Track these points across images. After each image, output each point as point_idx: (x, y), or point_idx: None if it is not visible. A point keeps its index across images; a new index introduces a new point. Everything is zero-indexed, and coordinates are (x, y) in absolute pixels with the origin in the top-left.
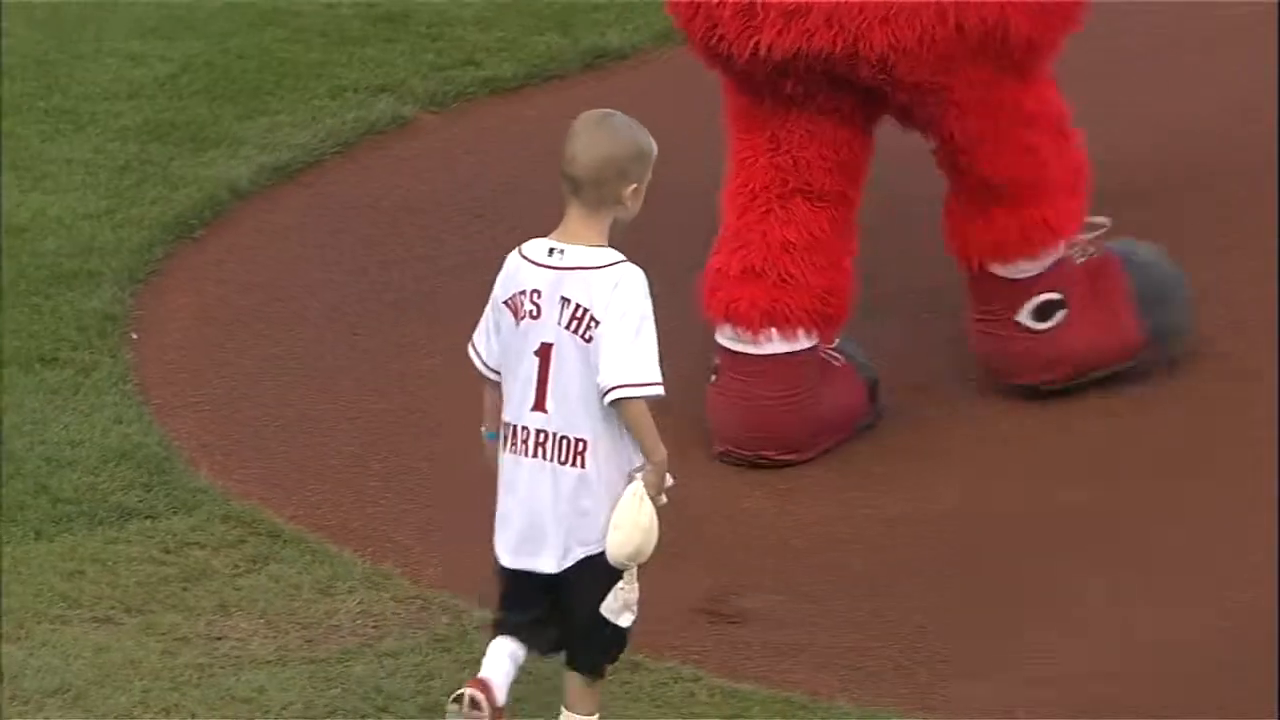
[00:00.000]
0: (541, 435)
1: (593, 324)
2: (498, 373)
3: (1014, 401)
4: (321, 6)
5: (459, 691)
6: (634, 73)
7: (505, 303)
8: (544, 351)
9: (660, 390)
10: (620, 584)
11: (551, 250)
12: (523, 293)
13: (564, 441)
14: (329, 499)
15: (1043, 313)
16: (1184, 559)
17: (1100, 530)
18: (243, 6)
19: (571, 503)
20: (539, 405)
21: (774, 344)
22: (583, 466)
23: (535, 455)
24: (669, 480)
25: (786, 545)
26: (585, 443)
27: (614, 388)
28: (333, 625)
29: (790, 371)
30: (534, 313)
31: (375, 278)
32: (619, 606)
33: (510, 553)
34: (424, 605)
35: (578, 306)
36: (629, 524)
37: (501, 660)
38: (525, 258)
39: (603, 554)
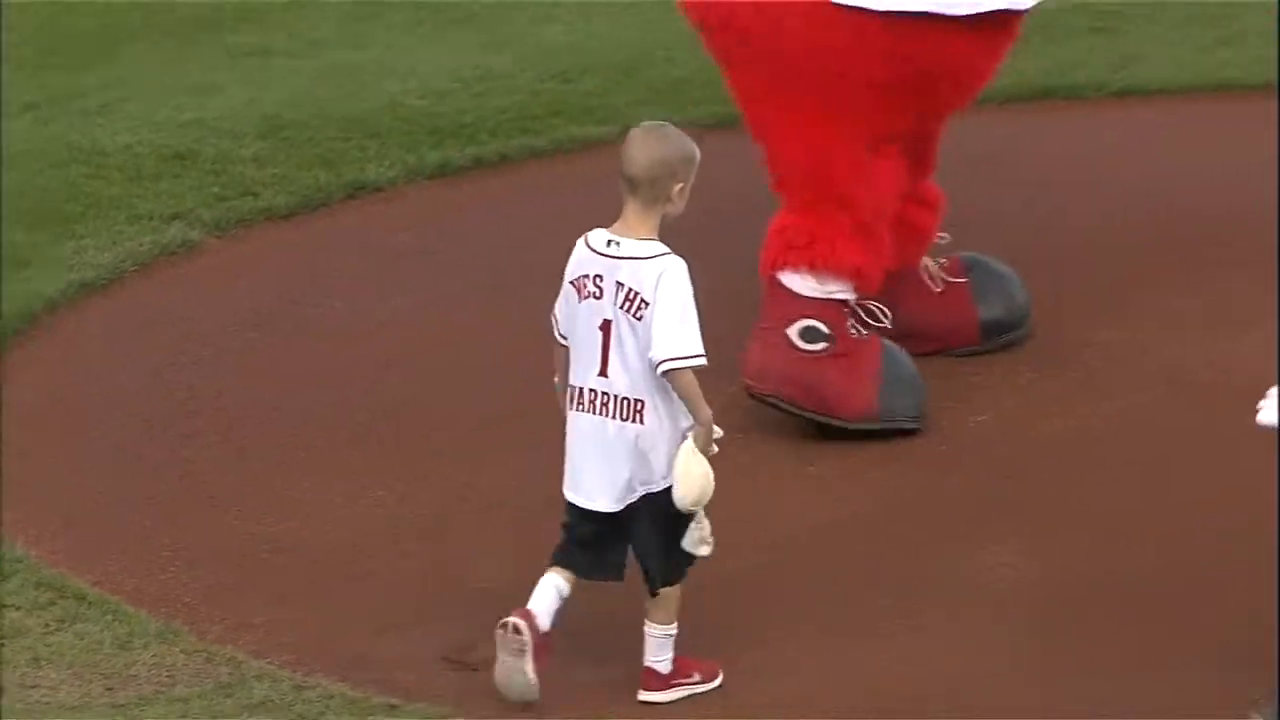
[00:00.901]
0: (605, 396)
1: (643, 306)
2: (566, 338)
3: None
4: (121, 146)
5: (504, 619)
6: (389, 203)
7: (571, 283)
8: (605, 327)
9: (703, 361)
10: (693, 524)
11: (609, 241)
12: (586, 276)
13: (625, 402)
14: (127, 568)
15: (808, 336)
16: None
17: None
18: (53, 146)
19: (633, 452)
20: (603, 371)
21: None
22: (641, 422)
23: (600, 414)
24: (718, 432)
25: (521, 604)
26: (643, 403)
27: (664, 360)
28: (131, 675)
29: None
30: (596, 294)
31: (168, 378)
32: (696, 541)
33: (574, 490)
34: (209, 658)
35: (630, 291)
36: (686, 476)
37: (548, 592)
38: (590, 247)
39: (659, 492)
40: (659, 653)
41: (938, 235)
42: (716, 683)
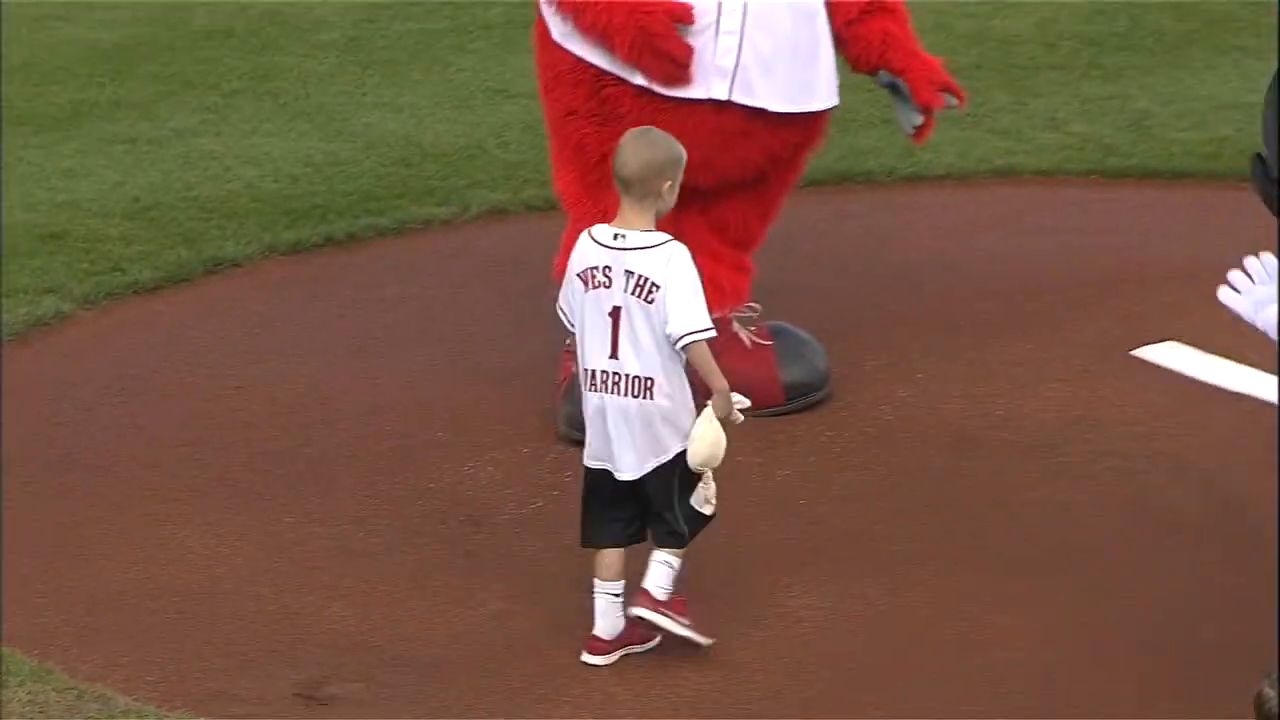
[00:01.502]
0: (616, 377)
1: (654, 289)
2: (574, 327)
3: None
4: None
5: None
6: (246, 277)
7: (579, 275)
8: (615, 313)
9: (714, 333)
10: (700, 484)
11: (615, 235)
12: (594, 268)
13: (635, 380)
14: (5, 612)
15: None
16: None
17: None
18: None
19: (644, 426)
20: (613, 354)
21: None
22: (651, 398)
23: (612, 392)
24: (744, 402)
25: (368, 643)
26: (653, 380)
27: (683, 335)
28: (7, 711)
29: None
30: (605, 283)
31: (45, 438)
32: (702, 500)
33: (592, 459)
34: (79, 695)
35: (641, 277)
36: (699, 439)
37: (607, 609)
38: (596, 241)
39: (670, 461)
40: (661, 578)
41: (748, 306)
42: (706, 643)
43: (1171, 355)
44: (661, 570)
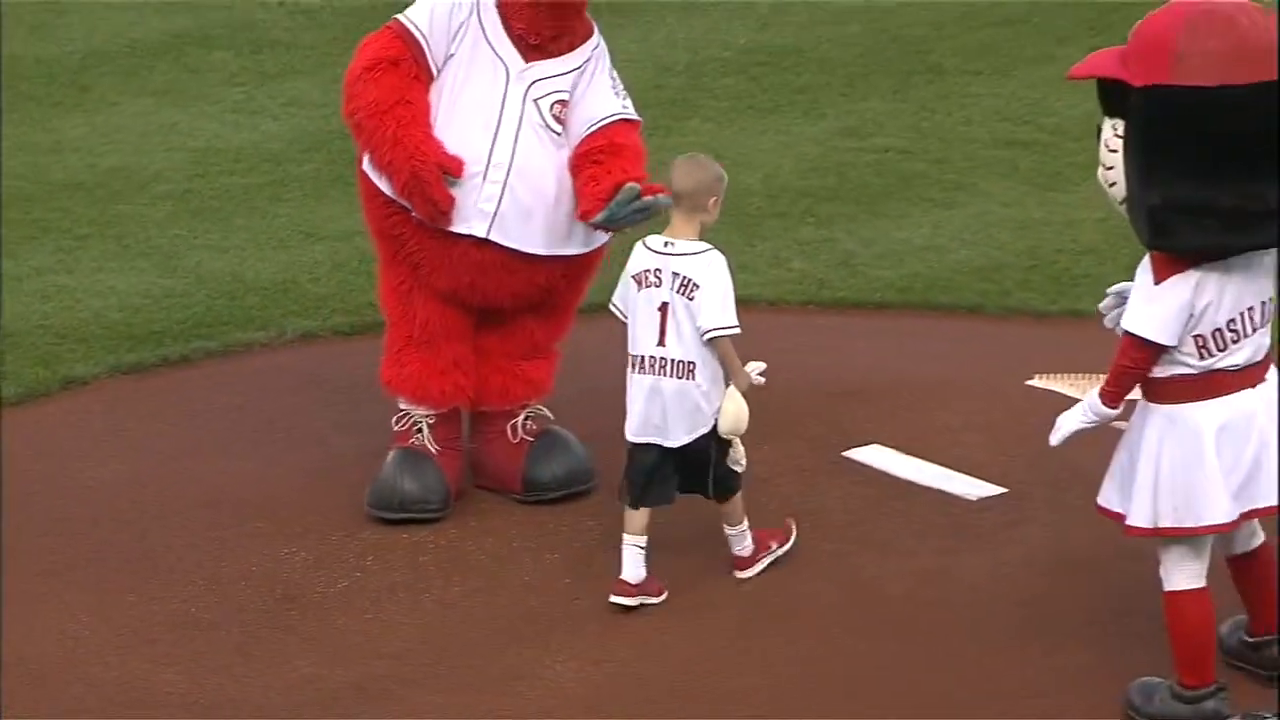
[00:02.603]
0: (663, 361)
1: (695, 288)
2: (622, 314)
3: None
4: None
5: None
6: (96, 393)
7: (634, 277)
8: (663, 308)
9: (738, 330)
10: (730, 448)
11: (665, 243)
12: (647, 270)
13: (679, 364)
14: None
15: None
16: None
17: None
18: None
19: (687, 402)
20: (661, 342)
21: None
22: (692, 379)
23: (659, 374)
24: (759, 366)
25: (199, 704)
26: (694, 364)
27: (710, 330)
28: None
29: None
30: (656, 283)
31: None
32: (735, 459)
33: (634, 433)
34: None
35: (685, 278)
36: (726, 413)
37: (634, 556)
38: (649, 248)
39: (708, 433)
40: (739, 544)
41: (536, 404)
42: (791, 541)
43: (876, 455)
44: (736, 539)
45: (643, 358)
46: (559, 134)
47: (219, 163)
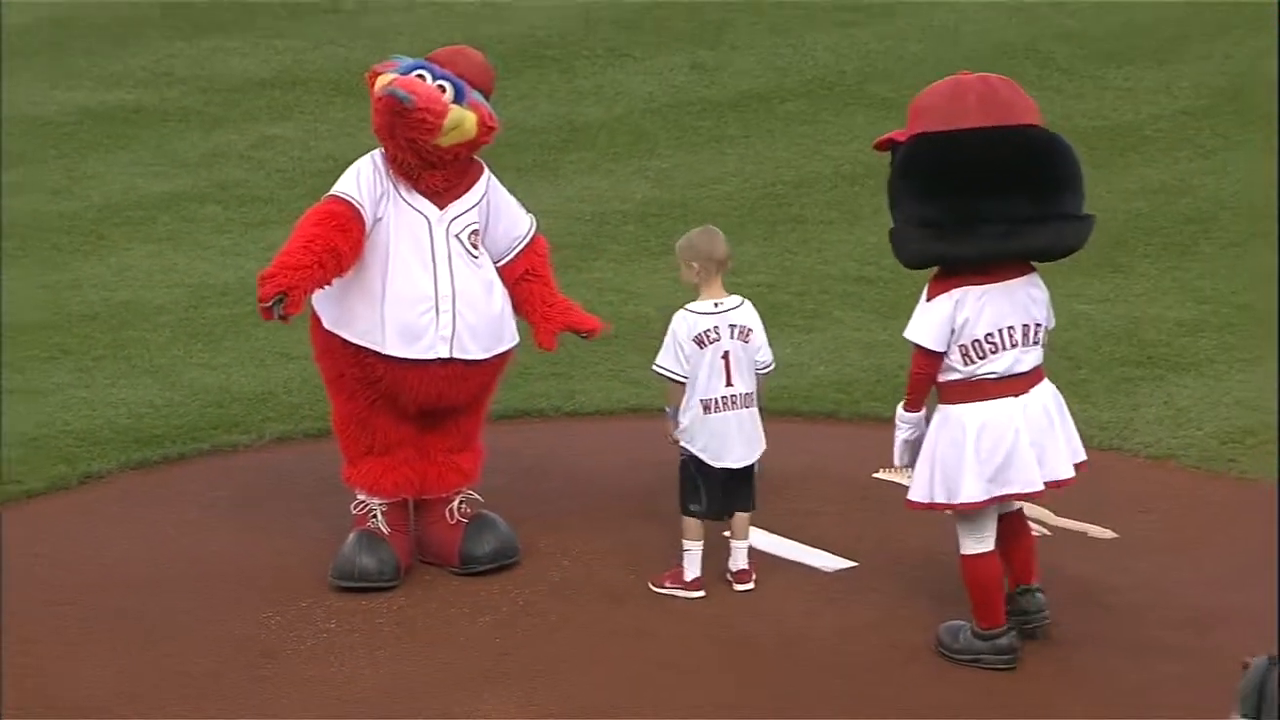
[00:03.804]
0: (732, 398)
1: (749, 333)
2: (686, 377)
3: None
4: None
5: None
6: (109, 485)
7: (694, 339)
8: (726, 356)
9: (774, 366)
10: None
11: (714, 304)
12: (708, 330)
13: (743, 397)
14: None
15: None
16: None
17: None
18: None
19: (753, 427)
20: (728, 383)
21: None
22: (751, 406)
23: (730, 409)
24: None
25: None
26: (751, 394)
27: (767, 365)
28: None
29: None
30: (716, 338)
31: None
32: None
33: (714, 460)
34: None
35: (741, 327)
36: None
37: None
38: (698, 312)
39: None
40: (744, 558)
41: (467, 490)
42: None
43: (752, 533)
44: (741, 552)
45: (714, 400)
46: (478, 255)
47: (210, 296)
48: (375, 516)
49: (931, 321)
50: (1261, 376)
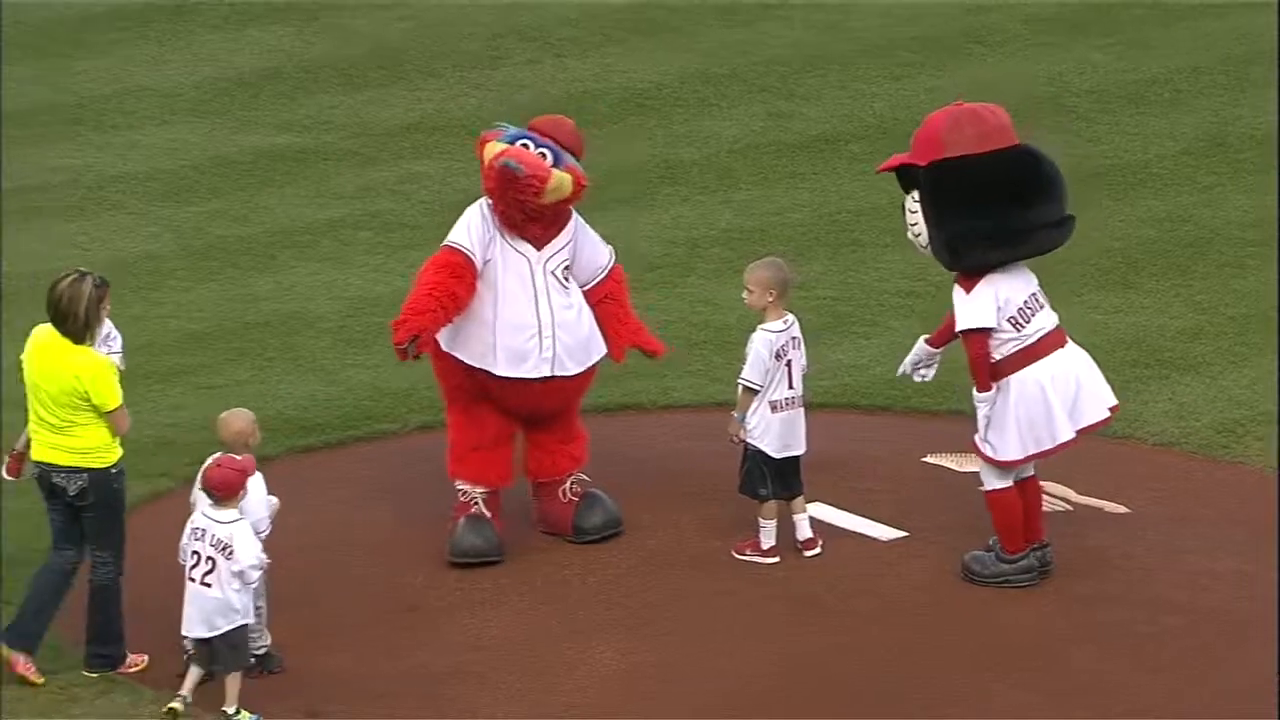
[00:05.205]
0: (794, 398)
1: (803, 343)
2: (763, 387)
3: None
4: None
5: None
6: (282, 465)
7: (774, 354)
8: (789, 364)
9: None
10: None
11: (784, 322)
12: (783, 345)
13: (800, 398)
14: None
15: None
16: None
17: None
18: None
19: (804, 423)
20: (790, 385)
21: None
22: (803, 406)
23: (790, 409)
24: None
25: (357, 671)
26: (804, 395)
27: (809, 368)
28: None
29: None
30: (787, 352)
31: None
32: None
33: (781, 452)
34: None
35: (800, 339)
36: None
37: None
38: (777, 330)
39: None
40: (810, 529)
41: (576, 472)
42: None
43: (818, 509)
44: (804, 523)
45: (781, 400)
46: (568, 286)
47: (364, 307)
48: (477, 503)
49: (982, 305)
50: (1249, 376)
